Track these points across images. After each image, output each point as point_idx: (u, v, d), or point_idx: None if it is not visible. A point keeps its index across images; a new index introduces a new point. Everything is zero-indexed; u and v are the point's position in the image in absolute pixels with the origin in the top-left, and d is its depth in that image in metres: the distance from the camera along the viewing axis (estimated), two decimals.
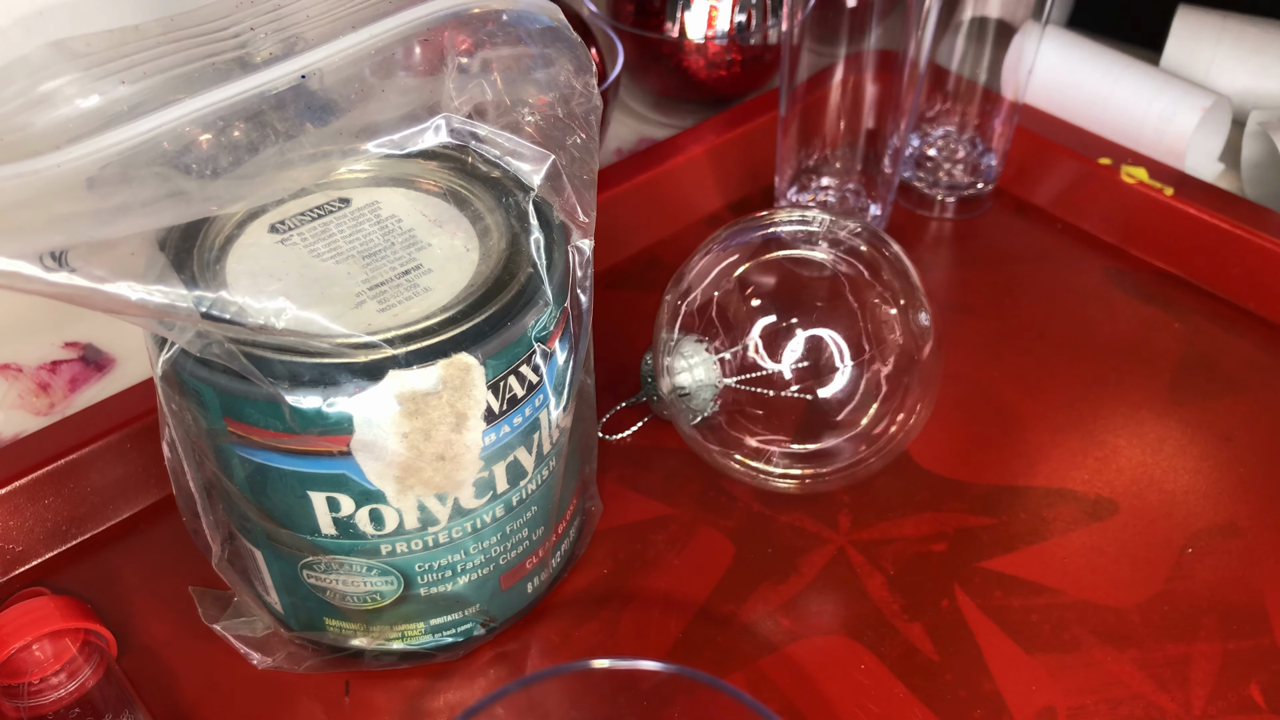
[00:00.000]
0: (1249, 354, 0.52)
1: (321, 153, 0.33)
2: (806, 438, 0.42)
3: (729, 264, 0.43)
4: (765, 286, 0.43)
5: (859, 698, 0.38)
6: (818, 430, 0.42)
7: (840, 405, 0.42)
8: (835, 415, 0.42)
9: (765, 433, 0.42)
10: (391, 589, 0.36)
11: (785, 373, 0.41)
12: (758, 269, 0.43)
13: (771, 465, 0.42)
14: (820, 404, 0.42)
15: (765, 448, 0.42)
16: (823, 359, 0.42)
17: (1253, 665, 0.39)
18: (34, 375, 0.52)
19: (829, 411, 0.42)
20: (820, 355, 0.42)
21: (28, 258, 0.28)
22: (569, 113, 0.36)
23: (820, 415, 0.42)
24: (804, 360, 0.41)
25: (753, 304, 0.43)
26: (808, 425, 0.42)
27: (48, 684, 0.37)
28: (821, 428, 0.42)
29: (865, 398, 0.42)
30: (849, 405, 0.42)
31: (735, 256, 0.43)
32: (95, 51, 0.32)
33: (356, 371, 0.31)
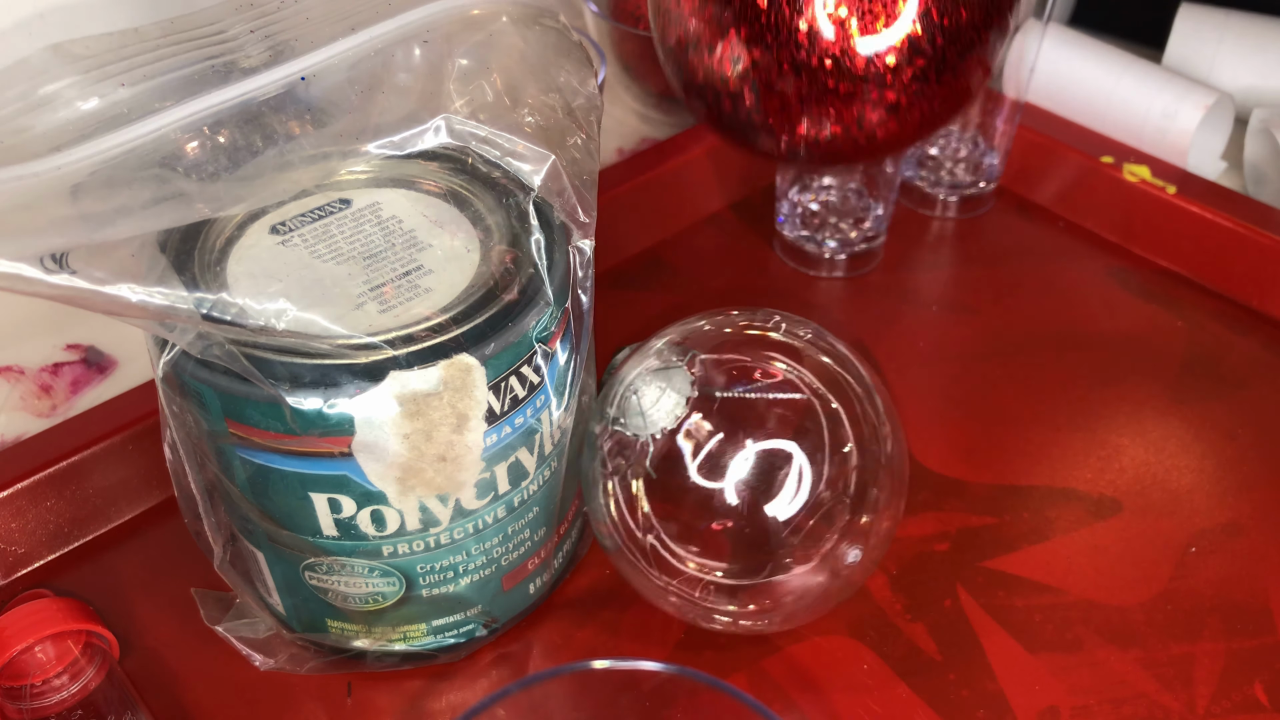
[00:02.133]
0: (1252, 352, 0.52)
1: (322, 154, 0.33)
2: (746, 569, 0.37)
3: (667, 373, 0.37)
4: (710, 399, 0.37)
5: (861, 698, 0.38)
6: (760, 561, 0.37)
7: (788, 529, 0.36)
8: (781, 540, 0.37)
9: (702, 558, 0.37)
10: (393, 590, 0.36)
11: (730, 494, 0.36)
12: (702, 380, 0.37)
13: (707, 599, 0.37)
14: (766, 528, 0.36)
15: (701, 577, 0.37)
16: (773, 479, 0.36)
17: (1257, 664, 0.39)
18: (36, 377, 0.52)
19: (775, 535, 0.36)
20: (771, 476, 0.36)
21: (29, 260, 0.28)
22: (569, 113, 0.36)
23: (763, 541, 0.37)
24: (750, 480, 0.36)
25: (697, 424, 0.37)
26: (749, 553, 0.37)
27: (50, 686, 0.37)
28: (764, 556, 0.37)
29: (818, 523, 0.37)
30: (800, 531, 0.36)
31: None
32: (95, 54, 0.32)
33: (357, 373, 0.31)
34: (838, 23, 0.37)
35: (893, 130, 0.41)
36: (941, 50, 0.39)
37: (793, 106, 0.40)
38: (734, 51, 0.39)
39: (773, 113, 0.41)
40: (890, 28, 0.38)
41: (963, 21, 0.39)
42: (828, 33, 0.38)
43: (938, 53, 0.39)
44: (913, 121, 0.42)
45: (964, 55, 0.40)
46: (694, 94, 0.44)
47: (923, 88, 0.40)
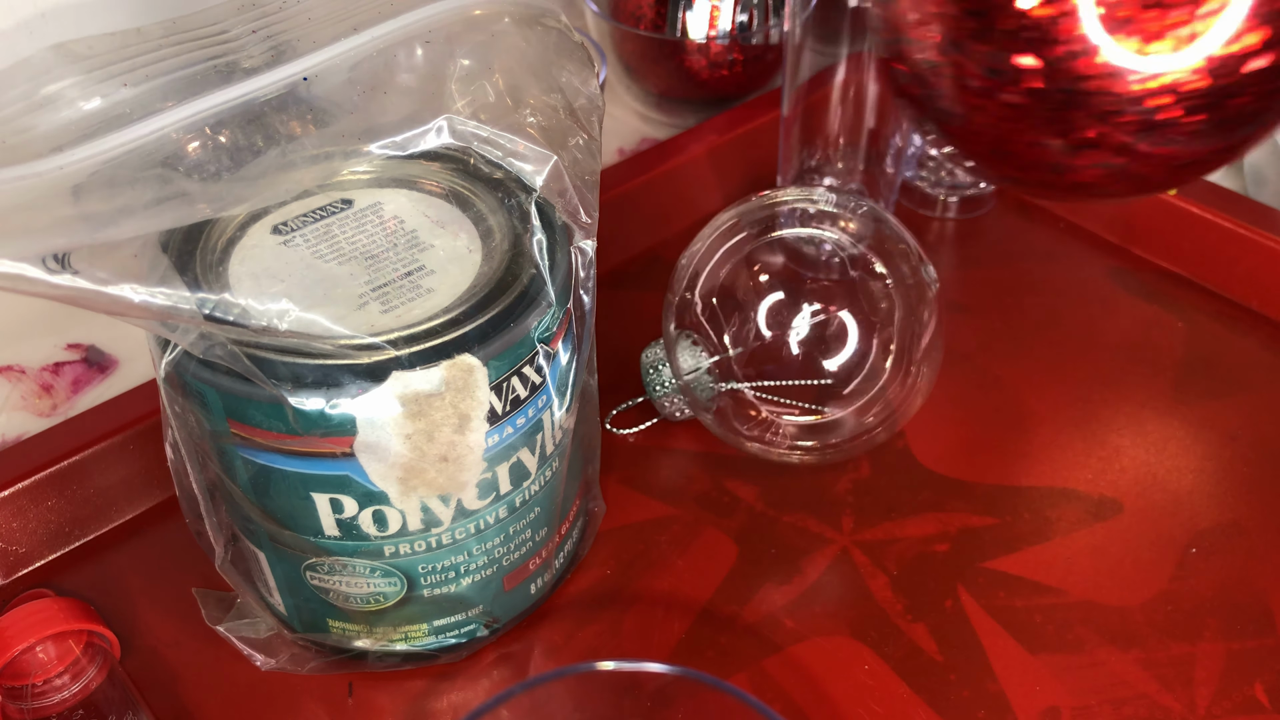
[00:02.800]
0: (1253, 353, 0.52)
1: (324, 154, 0.33)
2: (815, 409, 0.43)
3: (730, 248, 0.44)
4: (767, 266, 0.44)
5: (863, 698, 0.38)
6: (825, 401, 0.44)
7: (847, 376, 0.43)
8: (842, 387, 0.43)
9: (775, 408, 0.43)
10: (395, 590, 0.36)
11: (792, 346, 0.42)
12: (758, 251, 0.44)
13: (780, 438, 0.43)
14: (827, 376, 0.43)
15: (775, 420, 0.43)
16: (827, 332, 0.42)
17: (1257, 665, 0.39)
18: (37, 377, 0.52)
19: (836, 384, 0.43)
20: (824, 328, 0.42)
21: (30, 260, 0.28)
22: (571, 113, 0.36)
23: (827, 387, 0.43)
24: (807, 334, 0.43)
25: (755, 283, 0.43)
26: (816, 398, 0.43)
27: (51, 686, 0.37)
28: (829, 399, 0.43)
29: (872, 369, 0.43)
30: (856, 376, 0.43)
31: (736, 239, 0.44)
32: (97, 54, 0.32)
33: (359, 373, 0.31)
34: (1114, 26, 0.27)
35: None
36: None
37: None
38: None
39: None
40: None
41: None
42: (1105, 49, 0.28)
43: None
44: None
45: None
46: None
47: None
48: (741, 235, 0.44)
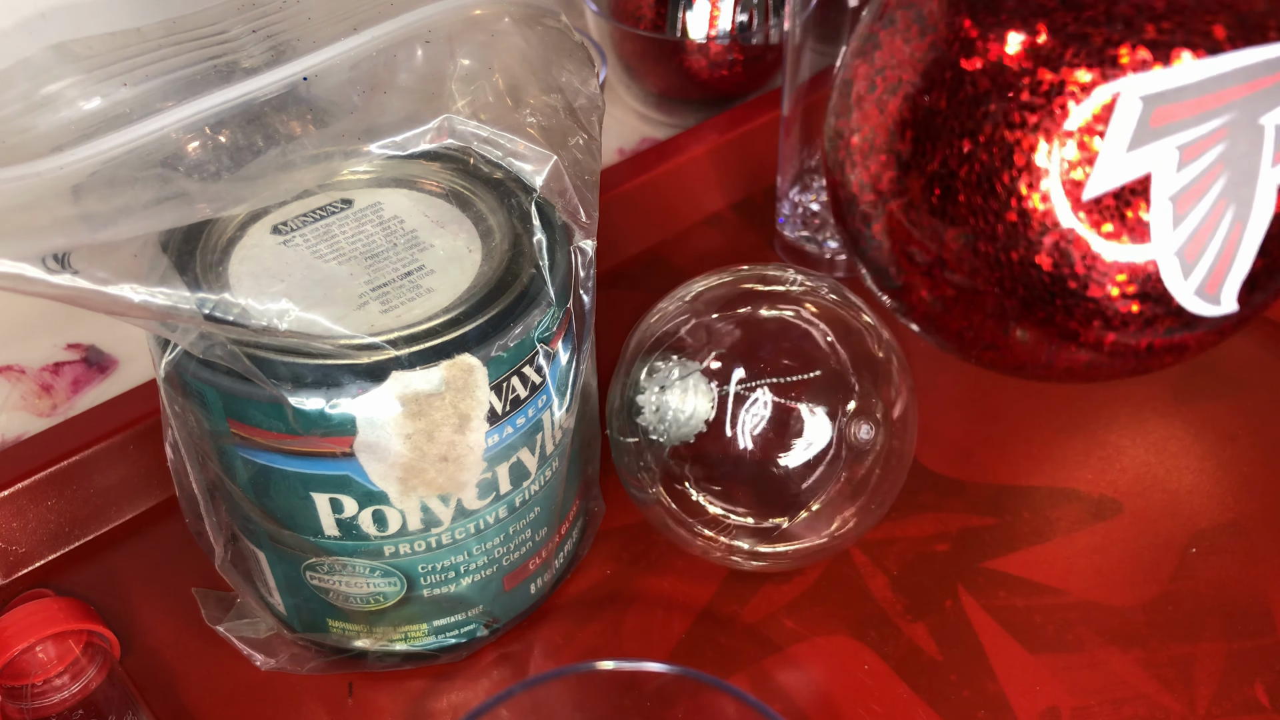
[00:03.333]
0: (1252, 353, 0.52)
1: (324, 154, 0.33)
2: (767, 513, 0.38)
3: (697, 320, 0.39)
4: (731, 341, 0.38)
5: (862, 698, 0.38)
6: (778, 506, 0.38)
7: (802, 478, 0.37)
8: (796, 489, 0.38)
9: (725, 504, 0.38)
10: (394, 590, 0.36)
11: (745, 439, 0.37)
12: (724, 322, 0.38)
13: (731, 541, 0.39)
14: (782, 476, 0.37)
15: (724, 520, 0.38)
16: (789, 426, 0.37)
17: (1257, 665, 0.39)
18: (36, 377, 0.52)
19: (790, 484, 0.38)
20: (787, 422, 0.37)
21: (30, 260, 0.28)
22: (571, 113, 0.36)
23: (782, 488, 0.38)
24: (767, 424, 0.37)
25: (714, 364, 0.38)
26: (768, 500, 0.38)
27: (51, 686, 0.37)
28: (783, 503, 0.38)
29: (826, 476, 0.37)
30: (811, 478, 0.37)
31: (702, 313, 0.39)
32: (97, 54, 0.32)
33: (359, 373, 0.31)
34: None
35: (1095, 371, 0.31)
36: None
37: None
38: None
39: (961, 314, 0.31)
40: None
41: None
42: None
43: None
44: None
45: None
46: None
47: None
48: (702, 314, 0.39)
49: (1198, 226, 0.24)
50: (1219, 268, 0.25)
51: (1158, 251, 0.24)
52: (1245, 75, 0.22)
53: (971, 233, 0.26)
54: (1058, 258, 0.24)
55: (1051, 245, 0.25)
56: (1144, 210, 0.23)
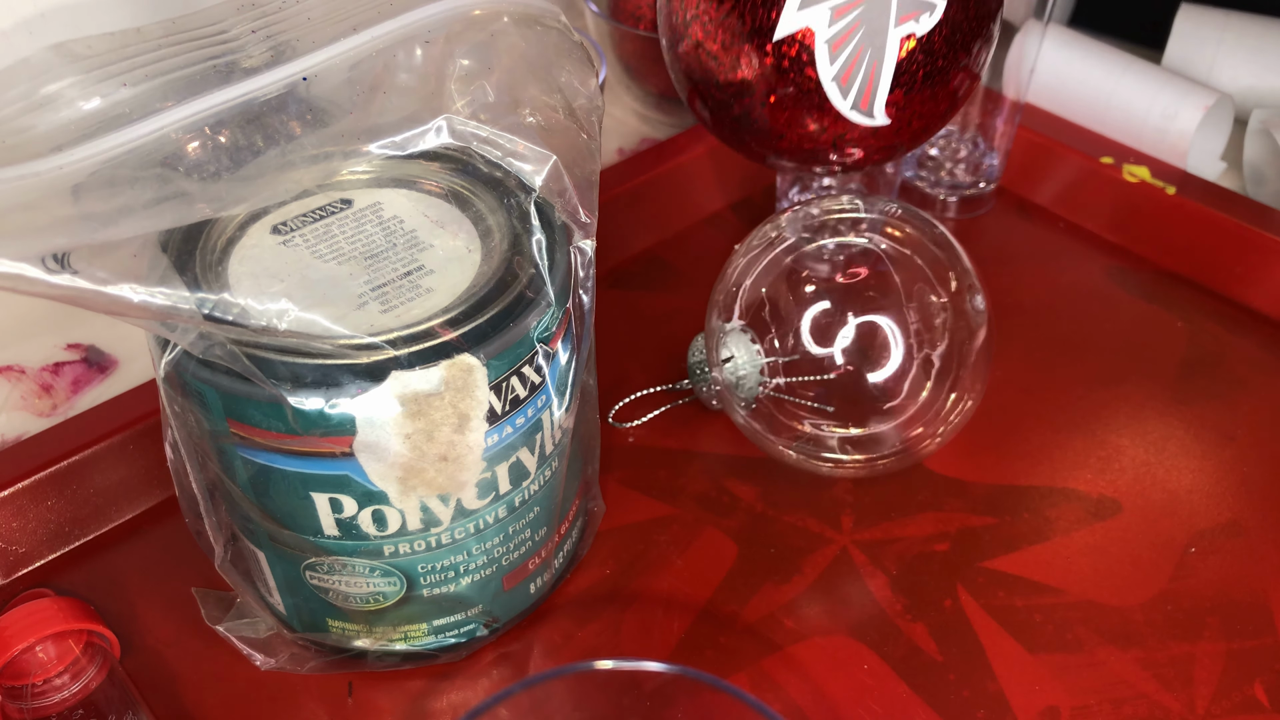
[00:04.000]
0: (1252, 353, 0.52)
1: (323, 154, 0.33)
2: (859, 423, 0.43)
3: (775, 256, 0.43)
4: (813, 275, 0.43)
5: (862, 698, 0.38)
6: (869, 416, 0.43)
7: (891, 390, 0.42)
8: (887, 400, 0.42)
9: (818, 419, 0.42)
10: (394, 590, 0.36)
11: (836, 357, 0.41)
12: (805, 259, 0.43)
13: (826, 452, 0.43)
14: (871, 389, 0.42)
15: (819, 434, 0.42)
16: (874, 344, 0.41)
17: (1256, 665, 0.39)
18: (36, 377, 0.52)
19: (880, 397, 0.42)
20: (871, 341, 0.41)
21: (30, 260, 0.28)
22: (571, 114, 0.36)
23: (872, 401, 0.43)
24: (854, 346, 0.41)
25: (801, 292, 0.42)
26: (860, 411, 0.43)
27: (51, 685, 0.37)
28: (873, 413, 0.43)
29: (916, 383, 0.42)
30: (900, 390, 0.42)
31: (782, 247, 0.43)
32: (97, 54, 0.32)
33: (359, 373, 0.31)
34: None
35: (877, 143, 0.42)
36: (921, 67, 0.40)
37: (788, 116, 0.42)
38: (741, 61, 0.40)
39: (771, 121, 0.42)
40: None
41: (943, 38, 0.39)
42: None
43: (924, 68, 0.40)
44: (898, 135, 0.42)
45: (948, 69, 0.40)
46: (698, 98, 0.46)
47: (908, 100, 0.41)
48: (788, 243, 0.43)
49: (845, 63, 0.37)
50: (865, 92, 0.38)
51: (822, 77, 0.38)
52: None
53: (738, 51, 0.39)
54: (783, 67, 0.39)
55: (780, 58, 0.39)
56: (811, 49, 0.37)
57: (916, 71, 0.38)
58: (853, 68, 0.37)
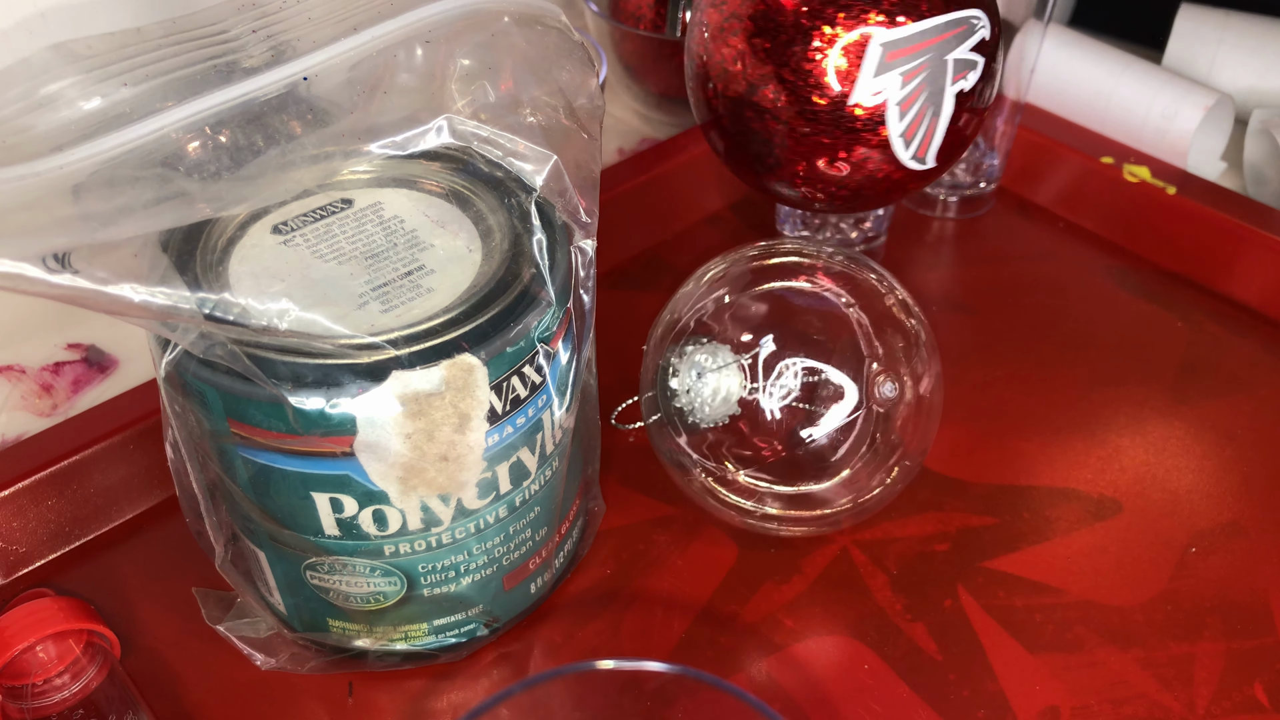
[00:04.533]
0: (1252, 353, 0.52)
1: (324, 154, 0.33)
2: (793, 479, 0.41)
3: (719, 294, 0.42)
4: (758, 317, 0.41)
5: (862, 697, 0.38)
6: (806, 473, 0.41)
7: (833, 447, 0.40)
8: (827, 457, 0.40)
9: (752, 468, 0.41)
10: (395, 590, 0.36)
11: (774, 409, 0.40)
12: (751, 300, 0.42)
13: (759, 505, 0.41)
14: (810, 446, 0.40)
15: (754, 486, 0.41)
16: (817, 394, 0.40)
17: (1257, 665, 0.39)
18: (37, 377, 0.52)
19: (820, 453, 0.40)
20: (815, 390, 0.40)
21: (30, 260, 0.28)
22: (571, 113, 0.36)
23: (810, 457, 0.41)
24: (797, 395, 0.40)
25: (744, 337, 0.41)
26: (796, 468, 0.40)
27: (51, 685, 0.37)
28: (811, 470, 0.41)
29: (858, 440, 0.40)
30: (842, 447, 0.40)
31: (727, 289, 0.42)
32: (97, 54, 0.32)
33: (359, 372, 0.31)
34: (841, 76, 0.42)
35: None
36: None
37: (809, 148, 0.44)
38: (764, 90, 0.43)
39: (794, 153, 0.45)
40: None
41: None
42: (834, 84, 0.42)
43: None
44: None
45: (978, 112, 0.45)
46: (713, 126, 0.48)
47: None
48: (728, 288, 0.42)
49: (911, 120, 0.41)
50: (924, 144, 0.42)
51: (890, 134, 0.41)
52: (937, 30, 0.40)
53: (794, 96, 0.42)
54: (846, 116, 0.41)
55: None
56: (883, 109, 0.40)
57: (959, 119, 0.42)
58: (916, 123, 0.41)
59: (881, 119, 0.41)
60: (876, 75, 0.40)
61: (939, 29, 0.40)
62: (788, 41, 0.41)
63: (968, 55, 0.41)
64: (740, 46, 0.42)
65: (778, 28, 0.41)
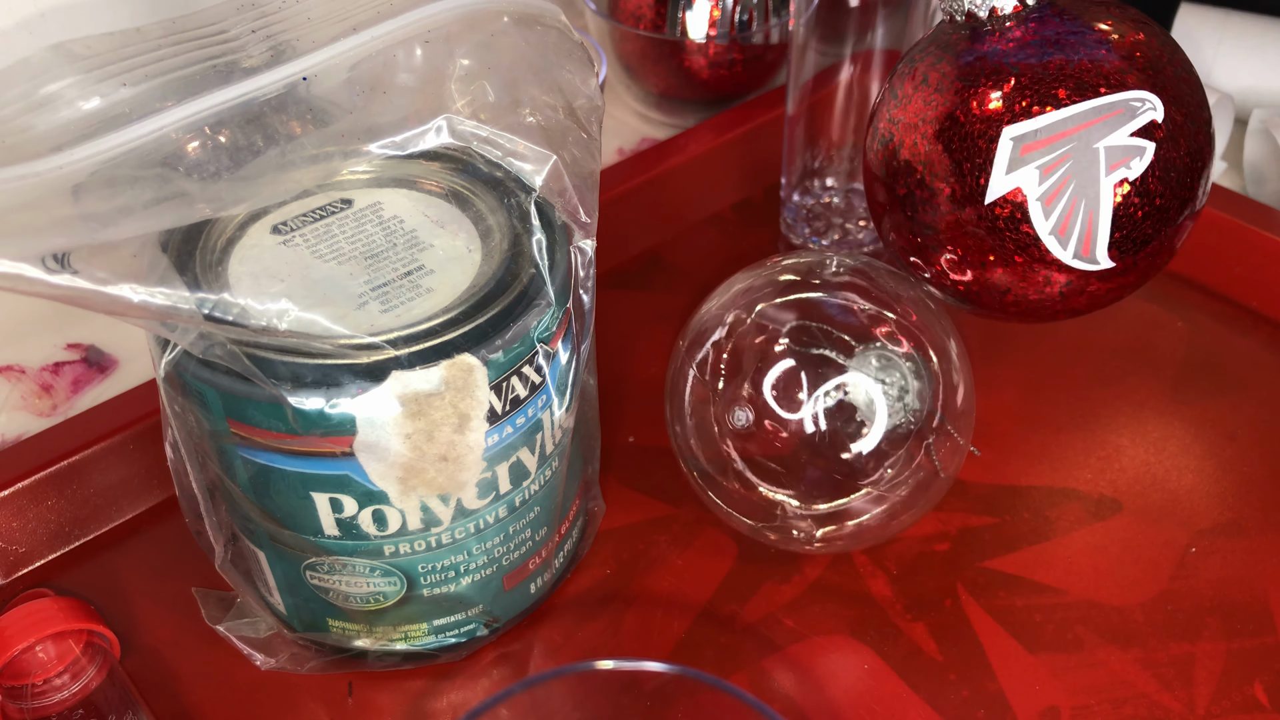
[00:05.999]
0: (1252, 353, 0.52)
1: (323, 154, 0.33)
2: (826, 495, 0.40)
3: (742, 311, 0.41)
4: (786, 330, 0.41)
5: (862, 698, 0.38)
6: (837, 488, 0.40)
7: (866, 461, 0.39)
8: (858, 473, 0.40)
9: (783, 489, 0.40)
10: (394, 590, 0.36)
11: (807, 424, 0.39)
12: (778, 311, 0.41)
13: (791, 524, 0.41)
14: (843, 460, 0.40)
15: (783, 503, 0.40)
16: (852, 412, 0.39)
17: (1257, 664, 0.39)
18: (36, 377, 0.52)
19: (852, 469, 0.40)
20: (849, 408, 0.39)
21: (30, 260, 0.28)
22: (570, 113, 0.36)
23: (842, 471, 0.40)
24: (830, 411, 0.39)
25: (773, 350, 0.40)
26: (828, 483, 0.40)
27: (51, 685, 0.37)
28: (841, 485, 0.40)
29: (890, 454, 0.40)
30: (873, 462, 0.39)
31: (750, 302, 0.41)
32: (96, 54, 0.32)
33: (359, 372, 0.31)
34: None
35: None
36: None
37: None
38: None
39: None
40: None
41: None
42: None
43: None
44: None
45: (1168, 206, 0.39)
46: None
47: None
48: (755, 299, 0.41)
49: (1060, 215, 0.37)
50: (1085, 239, 0.38)
51: (1039, 231, 0.37)
52: (1080, 119, 0.36)
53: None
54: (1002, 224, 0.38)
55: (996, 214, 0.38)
56: (1025, 207, 0.37)
57: (1134, 213, 0.37)
58: (1069, 219, 0.37)
59: (1025, 216, 0.37)
60: (1009, 171, 0.37)
61: (1082, 117, 0.36)
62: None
63: (1127, 141, 0.37)
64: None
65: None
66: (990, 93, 0.37)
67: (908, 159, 0.39)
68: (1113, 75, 0.37)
